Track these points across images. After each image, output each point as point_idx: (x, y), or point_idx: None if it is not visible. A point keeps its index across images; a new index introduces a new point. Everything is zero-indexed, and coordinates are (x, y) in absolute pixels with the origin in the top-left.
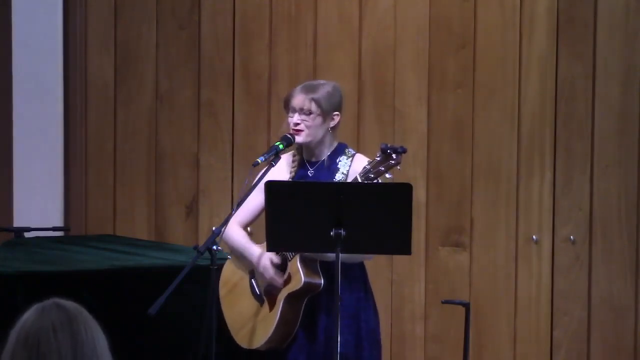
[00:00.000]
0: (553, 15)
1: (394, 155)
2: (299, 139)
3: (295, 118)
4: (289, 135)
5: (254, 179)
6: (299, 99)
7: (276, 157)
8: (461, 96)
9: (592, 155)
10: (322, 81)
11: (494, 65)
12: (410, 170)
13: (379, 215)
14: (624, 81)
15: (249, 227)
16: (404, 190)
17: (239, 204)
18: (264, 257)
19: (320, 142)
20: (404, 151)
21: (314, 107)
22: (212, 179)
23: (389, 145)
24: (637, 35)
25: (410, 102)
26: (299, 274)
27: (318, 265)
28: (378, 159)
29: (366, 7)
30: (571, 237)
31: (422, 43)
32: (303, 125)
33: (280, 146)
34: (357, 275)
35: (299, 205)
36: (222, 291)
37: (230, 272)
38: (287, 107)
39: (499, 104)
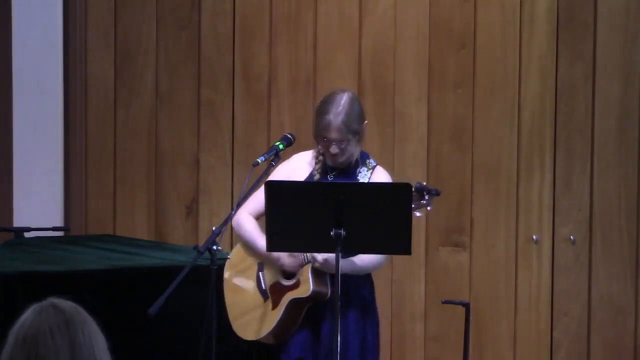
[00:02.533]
0: (553, 15)
1: (426, 196)
2: (338, 160)
3: (335, 149)
4: (289, 135)
5: (255, 179)
6: (335, 134)
7: (276, 157)
8: (461, 96)
9: (592, 155)
10: (341, 100)
11: (494, 65)
12: (410, 170)
13: (379, 215)
14: (624, 81)
15: (258, 219)
16: (403, 190)
17: (239, 204)
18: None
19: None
20: (438, 194)
21: (350, 135)
22: (212, 179)
23: (423, 185)
24: (637, 35)
25: (410, 102)
26: (309, 283)
27: (327, 275)
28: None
29: (366, 7)
30: (571, 237)
31: (422, 43)
32: (340, 151)
33: (281, 146)
34: (365, 281)
35: (299, 205)
36: (228, 273)
37: (239, 257)
38: (320, 137)
39: (499, 104)
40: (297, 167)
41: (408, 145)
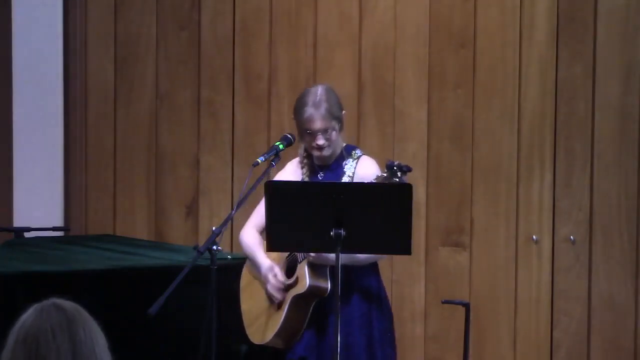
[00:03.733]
0: (553, 15)
1: (398, 173)
2: (325, 153)
3: (321, 140)
4: (289, 135)
5: (255, 179)
6: (318, 123)
7: (276, 157)
8: (461, 96)
9: (592, 155)
10: (317, 91)
11: (494, 65)
12: None
13: (379, 215)
14: (624, 81)
15: (263, 232)
16: (404, 191)
17: (239, 204)
18: (270, 274)
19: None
20: (409, 170)
21: (332, 123)
22: (212, 179)
23: (395, 163)
24: (637, 35)
25: (410, 102)
26: (305, 278)
27: (327, 269)
28: (384, 174)
29: (366, 7)
30: (571, 237)
31: (422, 43)
32: (325, 142)
33: (281, 146)
34: (370, 276)
35: (299, 205)
36: (244, 281)
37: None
38: (305, 131)
39: (499, 104)
40: (290, 172)
41: (408, 145)
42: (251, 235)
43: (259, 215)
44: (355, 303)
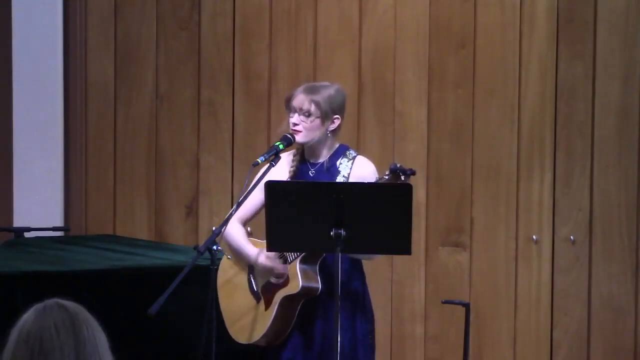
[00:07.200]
0: (553, 15)
1: (402, 177)
2: (297, 138)
3: (295, 118)
4: (288, 135)
5: (254, 179)
6: (299, 99)
7: (276, 157)
8: (461, 96)
9: (592, 155)
10: (326, 83)
11: (494, 65)
12: None
13: (379, 215)
14: (624, 81)
15: (248, 223)
16: (404, 191)
17: (239, 204)
18: (261, 256)
19: (320, 143)
20: (413, 173)
21: (313, 108)
22: (212, 179)
23: (398, 166)
24: (637, 35)
25: (410, 102)
26: (297, 279)
27: (317, 268)
28: (386, 177)
29: (366, 7)
30: (571, 237)
31: (422, 43)
32: (301, 126)
33: (280, 146)
34: (355, 278)
35: (299, 205)
36: (220, 280)
37: (229, 262)
38: (288, 106)
39: (499, 104)
40: (278, 169)
41: (408, 145)
42: (236, 227)
43: (245, 207)
44: (341, 306)
